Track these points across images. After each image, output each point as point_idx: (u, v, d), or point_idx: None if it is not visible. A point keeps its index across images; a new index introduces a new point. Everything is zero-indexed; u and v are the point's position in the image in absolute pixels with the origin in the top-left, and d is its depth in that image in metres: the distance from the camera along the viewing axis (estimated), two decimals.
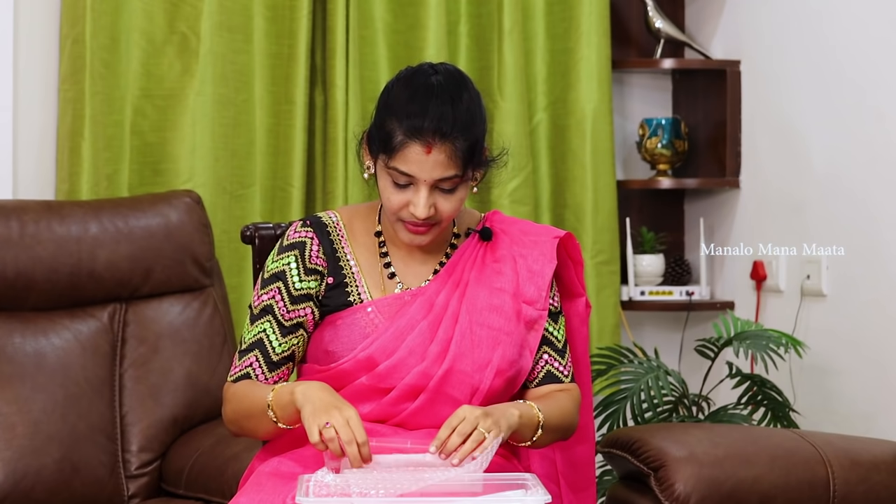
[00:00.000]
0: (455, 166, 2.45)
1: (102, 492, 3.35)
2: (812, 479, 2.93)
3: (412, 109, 2.43)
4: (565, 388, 2.58)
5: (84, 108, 3.75)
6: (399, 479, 2.26)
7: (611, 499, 3.10)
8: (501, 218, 2.66)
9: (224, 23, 3.89)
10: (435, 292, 2.54)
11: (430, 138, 2.42)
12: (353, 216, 2.62)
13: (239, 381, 2.53)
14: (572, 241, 2.65)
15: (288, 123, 3.98)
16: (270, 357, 2.53)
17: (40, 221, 3.41)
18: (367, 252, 2.59)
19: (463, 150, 2.44)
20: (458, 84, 2.48)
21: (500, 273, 2.57)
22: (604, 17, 4.24)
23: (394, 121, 2.44)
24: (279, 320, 2.53)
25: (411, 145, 2.42)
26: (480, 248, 2.60)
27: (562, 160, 4.28)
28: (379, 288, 2.57)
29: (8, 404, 3.31)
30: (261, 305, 2.55)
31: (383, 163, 2.47)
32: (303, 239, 2.57)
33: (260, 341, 2.53)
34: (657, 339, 4.40)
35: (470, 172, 2.49)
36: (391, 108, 2.47)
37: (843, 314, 3.89)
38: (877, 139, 3.77)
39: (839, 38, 3.91)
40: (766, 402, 3.78)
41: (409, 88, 2.47)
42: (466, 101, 2.46)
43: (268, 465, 2.47)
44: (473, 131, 2.47)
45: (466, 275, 2.56)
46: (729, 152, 4.31)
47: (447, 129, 2.42)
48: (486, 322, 2.53)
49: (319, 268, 2.56)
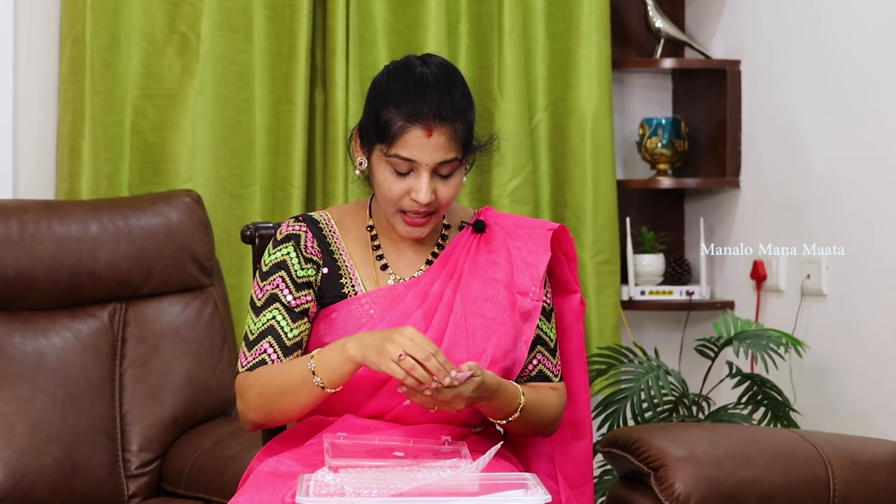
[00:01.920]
0: (455, 149, 2.47)
1: (102, 491, 3.35)
2: (812, 478, 2.93)
3: (410, 96, 2.46)
4: (553, 386, 2.62)
5: (84, 107, 3.74)
6: (397, 479, 2.26)
7: (611, 498, 3.10)
8: (495, 213, 2.68)
9: (224, 23, 3.90)
10: (429, 283, 2.56)
11: (431, 122, 2.44)
12: (343, 214, 2.65)
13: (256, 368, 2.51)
14: (566, 234, 2.67)
15: (288, 123, 3.98)
16: (284, 342, 2.51)
17: (40, 221, 3.41)
18: (359, 245, 2.61)
19: (462, 132, 2.48)
20: (450, 71, 2.52)
21: (495, 264, 2.59)
22: (604, 17, 4.24)
23: (391, 109, 2.46)
24: (287, 306, 2.53)
25: (412, 129, 2.44)
26: (474, 240, 2.62)
27: (562, 160, 4.28)
28: (372, 280, 2.58)
29: (8, 404, 3.31)
30: (265, 296, 2.54)
31: (381, 153, 2.48)
32: (297, 232, 2.58)
33: (271, 328, 2.52)
34: (657, 338, 4.40)
35: (466, 157, 2.52)
36: (386, 98, 2.48)
37: (844, 314, 3.89)
38: (877, 139, 3.77)
39: (839, 38, 3.91)
40: (767, 402, 3.78)
41: (402, 78, 2.50)
42: (460, 86, 2.50)
43: (266, 464, 2.47)
44: (469, 115, 2.51)
45: (461, 265, 2.58)
46: (729, 152, 4.31)
47: (446, 112, 2.45)
48: (480, 312, 2.54)
49: (315, 258, 2.57)
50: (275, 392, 2.46)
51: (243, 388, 2.51)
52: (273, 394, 2.47)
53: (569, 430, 2.67)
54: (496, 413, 2.49)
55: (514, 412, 2.49)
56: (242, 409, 2.53)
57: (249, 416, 2.52)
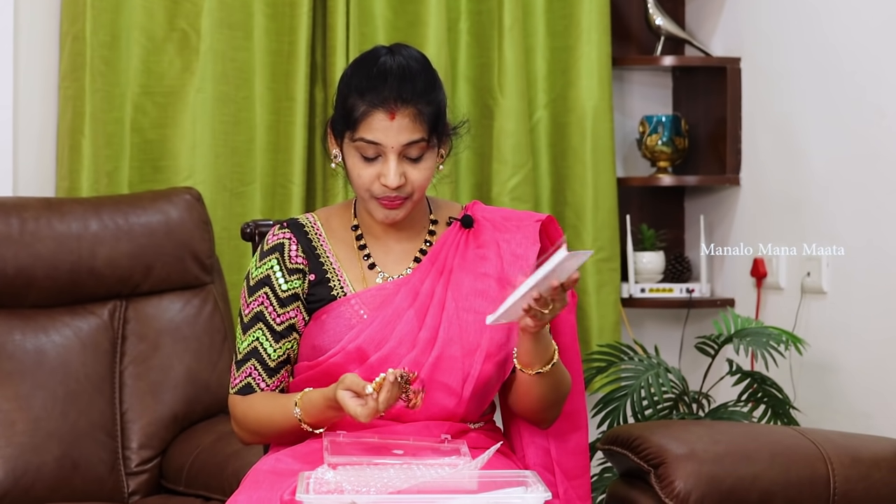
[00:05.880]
0: (420, 130, 2.48)
1: (102, 489, 3.35)
2: (812, 476, 2.93)
3: (372, 83, 2.48)
4: None
5: (84, 105, 3.74)
6: (397, 476, 2.26)
7: (611, 496, 3.10)
8: (482, 207, 2.68)
9: (224, 20, 3.89)
10: (419, 281, 2.56)
11: (393, 105, 2.46)
12: (329, 215, 2.66)
13: (245, 395, 2.57)
14: (554, 225, 2.67)
15: (288, 120, 3.98)
16: (267, 364, 2.56)
17: (40, 219, 3.41)
18: (346, 246, 2.61)
19: (427, 113, 2.48)
20: (416, 59, 2.53)
21: (484, 258, 2.58)
22: (604, 15, 4.24)
23: (355, 96, 2.49)
24: (271, 326, 2.56)
25: (375, 113, 2.46)
26: (462, 235, 2.61)
27: (562, 157, 4.28)
28: (360, 280, 2.58)
29: (8, 401, 3.31)
30: (251, 314, 2.58)
31: (349, 139, 2.51)
32: (280, 241, 2.59)
33: (255, 350, 2.57)
34: (657, 336, 4.40)
35: (435, 140, 2.52)
36: (351, 87, 2.51)
37: (844, 311, 3.89)
38: (877, 136, 3.77)
39: (840, 36, 3.91)
40: (767, 400, 3.78)
41: (365, 67, 2.52)
42: (424, 70, 2.51)
43: (265, 462, 2.48)
44: (435, 97, 2.51)
45: (450, 261, 2.58)
46: (729, 150, 4.31)
47: (408, 95, 2.47)
48: (472, 307, 2.54)
49: (300, 266, 2.58)
50: (268, 430, 2.56)
51: (235, 413, 2.59)
52: (268, 430, 2.56)
53: (565, 421, 2.66)
54: (543, 352, 2.47)
55: (551, 358, 2.48)
56: (238, 432, 2.62)
57: (246, 439, 2.63)
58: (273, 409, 2.53)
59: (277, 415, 2.51)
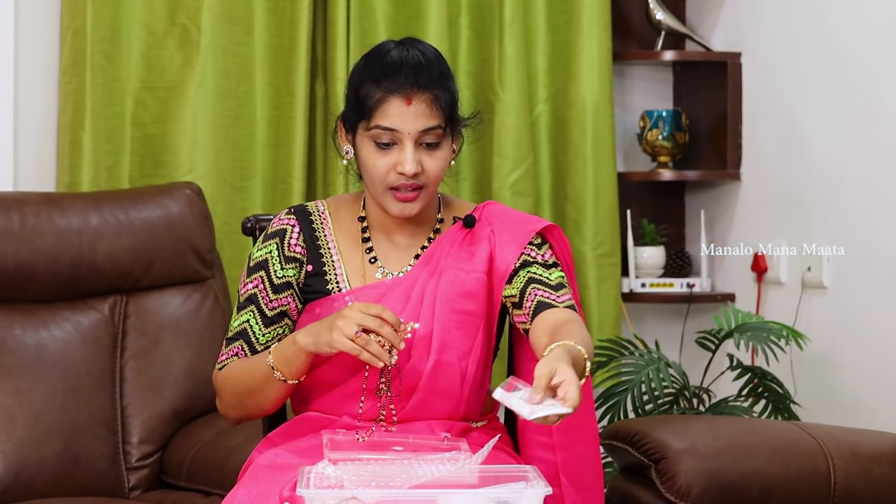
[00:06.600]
0: (437, 116, 2.47)
1: (103, 483, 3.35)
2: (813, 471, 2.93)
3: (387, 71, 2.46)
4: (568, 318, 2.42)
5: (85, 99, 3.74)
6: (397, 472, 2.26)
7: (612, 491, 3.10)
8: (493, 207, 2.63)
9: (225, 14, 3.89)
10: (412, 282, 2.54)
11: (409, 90, 2.45)
12: (339, 204, 2.64)
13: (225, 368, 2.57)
14: (559, 234, 2.61)
15: (289, 115, 3.98)
16: (255, 347, 2.56)
17: (41, 213, 3.41)
18: (350, 238, 2.60)
19: (444, 99, 2.47)
20: (427, 48, 2.52)
21: (473, 255, 2.56)
22: (605, 9, 4.24)
23: (369, 85, 2.48)
24: (262, 310, 2.56)
25: (391, 99, 2.45)
26: (461, 235, 2.58)
27: (563, 152, 4.28)
28: (359, 274, 2.57)
29: (9, 396, 3.31)
30: (246, 294, 2.58)
31: (364, 129, 2.49)
32: (284, 227, 2.59)
33: (244, 331, 2.57)
34: (658, 331, 4.40)
35: (450, 130, 2.50)
36: (365, 77, 2.50)
37: (844, 306, 3.89)
38: (879, 130, 3.76)
39: (841, 30, 3.91)
40: (767, 395, 3.78)
41: (379, 57, 2.50)
42: (438, 60, 2.51)
43: (264, 457, 2.48)
44: (449, 85, 2.50)
45: (443, 262, 2.56)
46: (730, 144, 4.31)
47: (424, 81, 2.46)
48: (461, 308, 2.53)
49: (298, 255, 2.58)
50: (244, 391, 2.53)
51: (217, 385, 2.60)
52: (243, 392, 2.54)
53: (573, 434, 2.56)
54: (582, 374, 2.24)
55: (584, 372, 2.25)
56: (220, 407, 2.62)
57: (228, 413, 2.61)
58: (247, 364, 2.53)
59: (252, 370, 2.51)
